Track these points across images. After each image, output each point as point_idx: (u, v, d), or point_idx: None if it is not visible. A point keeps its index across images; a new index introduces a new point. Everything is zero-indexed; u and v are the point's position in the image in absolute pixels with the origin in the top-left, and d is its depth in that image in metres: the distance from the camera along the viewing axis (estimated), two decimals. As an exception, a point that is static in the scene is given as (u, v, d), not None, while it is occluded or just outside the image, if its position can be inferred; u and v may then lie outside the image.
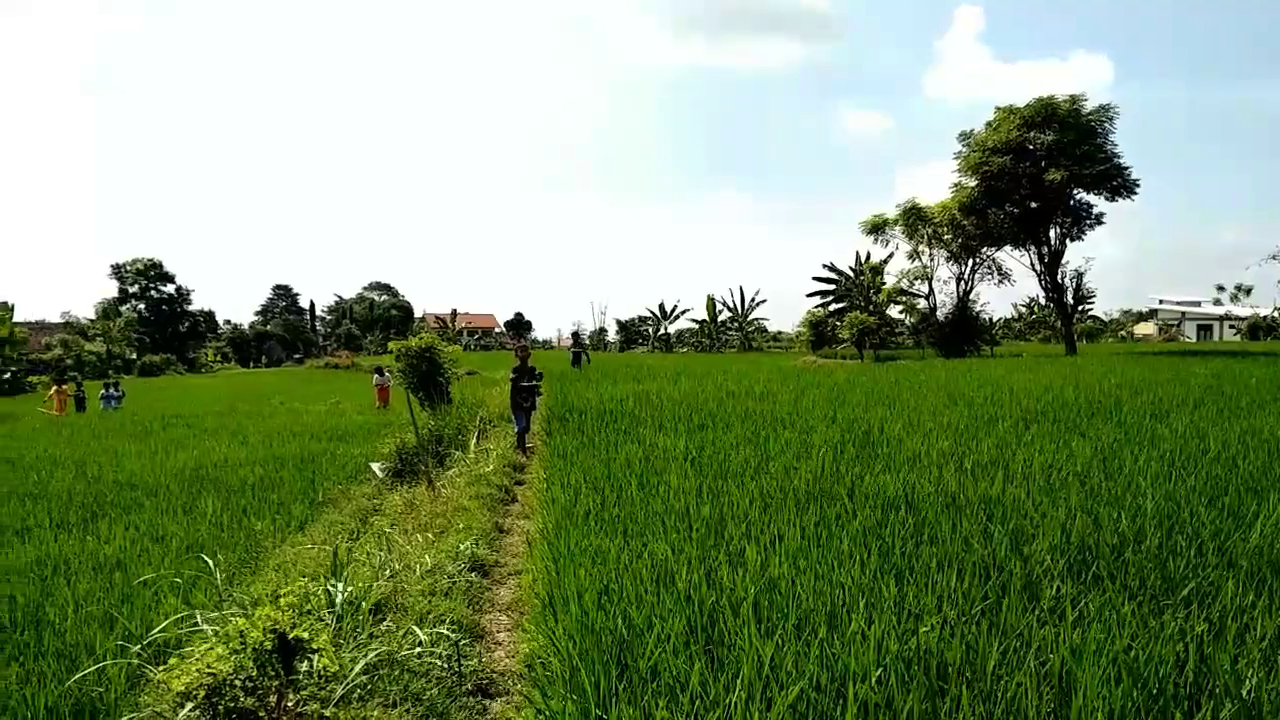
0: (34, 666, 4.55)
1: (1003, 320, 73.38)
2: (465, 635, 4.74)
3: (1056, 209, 36.05)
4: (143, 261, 75.43)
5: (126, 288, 74.64)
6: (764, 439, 9.31)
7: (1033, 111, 35.05)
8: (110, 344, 61.25)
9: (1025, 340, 69.20)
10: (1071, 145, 34.11)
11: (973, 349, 39.65)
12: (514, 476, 10.28)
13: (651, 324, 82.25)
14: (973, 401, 12.52)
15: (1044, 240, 37.32)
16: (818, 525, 5.58)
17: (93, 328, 65.14)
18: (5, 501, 9.26)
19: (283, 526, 7.91)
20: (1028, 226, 36.91)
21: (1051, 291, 38.44)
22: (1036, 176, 34.75)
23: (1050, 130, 34.76)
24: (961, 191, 37.86)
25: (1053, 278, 37.76)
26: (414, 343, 15.61)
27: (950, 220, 38.46)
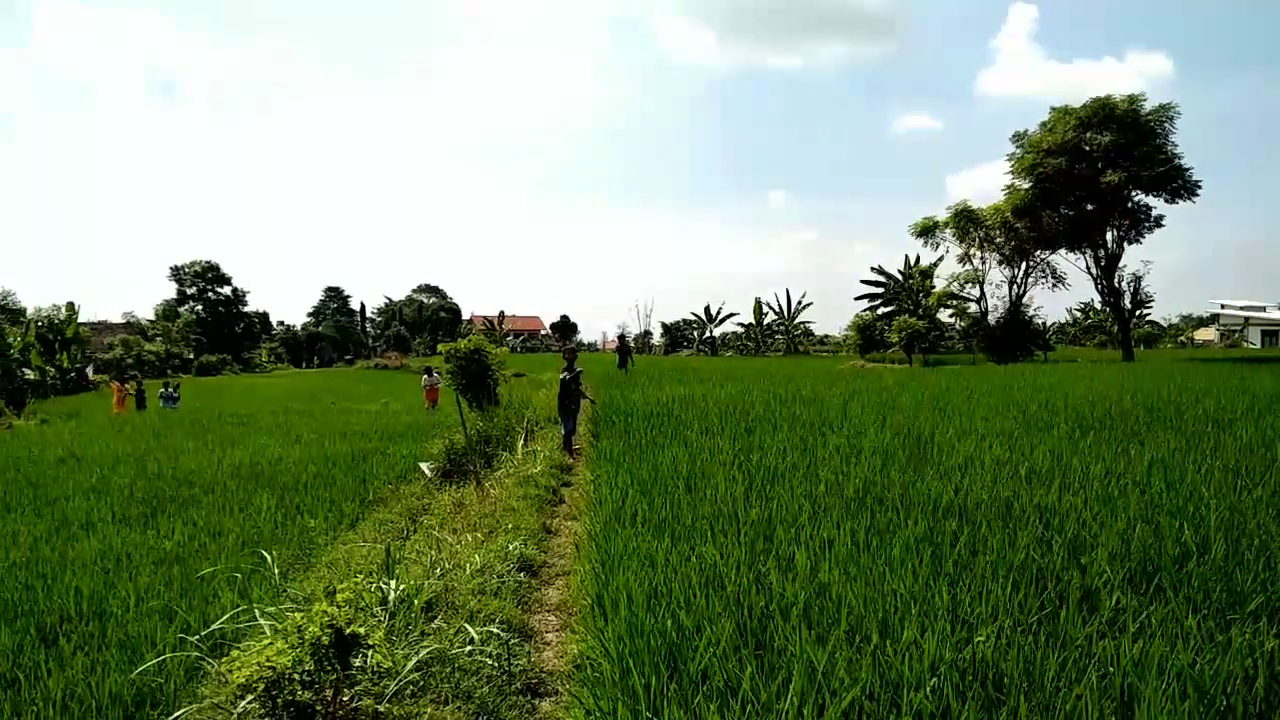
0: (98, 656, 4.68)
1: (1056, 325, 71.92)
2: (514, 635, 4.78)
3: (1113, 211, 35.24)
4: (201, 264, 77.37)
5: (185, 289, 76.63)
6: (812, 443, 9.24)
7: (1089, 112, 34.32)
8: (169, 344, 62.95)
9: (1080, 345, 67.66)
10: (1130, 146, 33.34)
11: (1025, 354, 38.91)
12: (561, 478, 10.33)
13: (697, 327, 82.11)
14: (1026, 408, 12.27)
15: (1100, 243, 36.51)
16: (868, 531, 5.52)
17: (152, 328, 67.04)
18: (70, 497, 9.55)
19: (334, 524, 8.03)
20: (1083, 229, 36.12)
21: (1108, 296, 37.58)
22: (1093, 178, 34.00)
23: (1107, 131, 33.98)
24: (1015, 194, 37.20)
25: (1109, 282, 36.91)
26: (463, 344, 15.76)
27: (1003, 223, 37.82)
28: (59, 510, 8.77)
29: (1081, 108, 34.70)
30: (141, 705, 4.19)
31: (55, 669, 4.52)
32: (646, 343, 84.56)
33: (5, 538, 7.59)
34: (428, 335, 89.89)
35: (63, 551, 7.04)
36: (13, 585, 6.03)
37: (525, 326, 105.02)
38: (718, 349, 77.99)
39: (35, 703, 4.13)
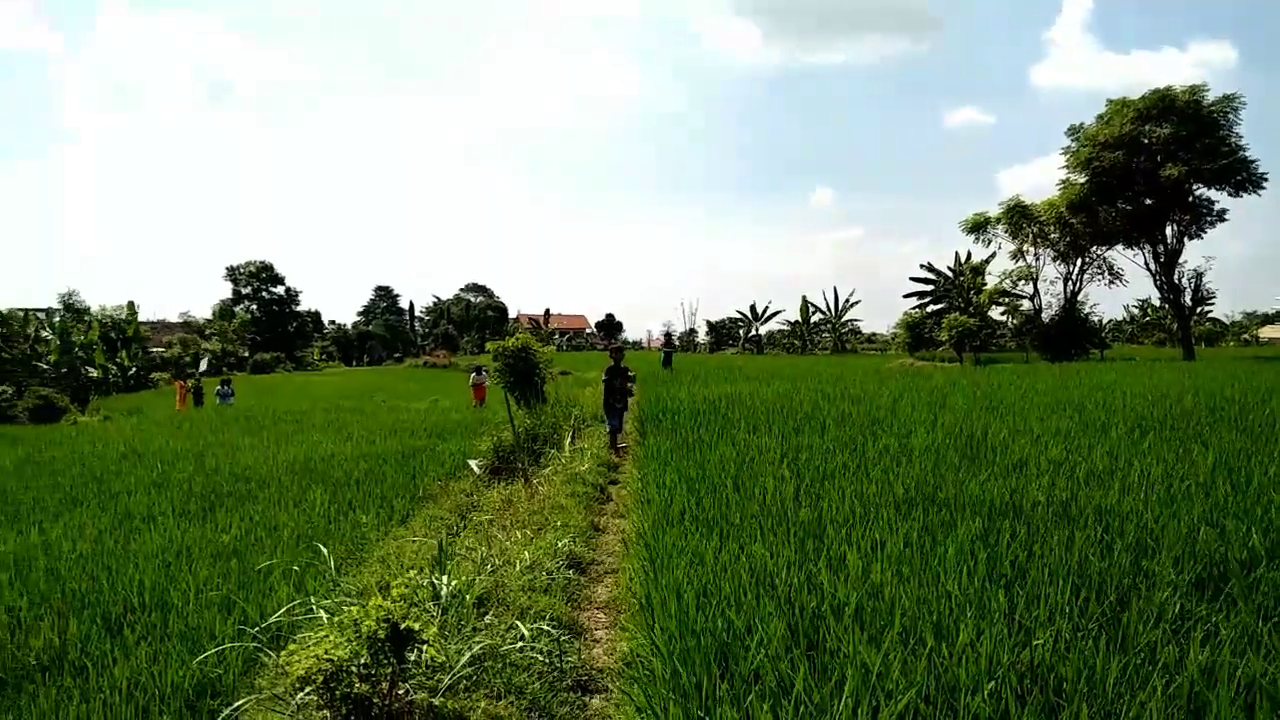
0: (160, 647, 4.81)
1: (1113, 323, 70.23)
2: (564, 631, 4.80)
3: (1173, 206, 34.29)
4: (255, 264, 79.05)
5: (240, 289, 78.33)
6: (861, 443, 9.14)
7: (1148, 104, 33.42)
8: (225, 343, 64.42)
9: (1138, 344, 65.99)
10: (1191, 138, 32.41)
11: (1080, 352, 38.05)
12: (608, 475, 10.35)
13: (743, 325, 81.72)
14: (1083, 407, 11.99)
15: (1159, 238, 35.55)
16: (921, 532, 5.43)
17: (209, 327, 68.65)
18: (133, 491, 9.83)
19: (385, 520, 8.14)
20: (1142, 224, 35.21)
21: (1167, 292, 36.57)
22: (1152, 172, 33.13)
23: (1167, 123, 33.07)
24: (1070, 189, 36.37)
25: (1169, 278, 35.92)
26: (510, 343, 15.88)
27: (1057, 218, 37.03)
28: (122, 504, 9.03)
29: (1140, 100, 33.80)
30: (202, 695, 4.29)
31: (120, 658, 4.66)
32: (692, 341, 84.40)
33: (72, 530, 7.85)
34: (475, 334, 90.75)
35: (126, 544, 7.24)
36: (80, 576, 6.23)
37: (571, 325, 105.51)
38: (763, 347, 77.53)
39: (103, 690, 4.26)
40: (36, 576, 6.27)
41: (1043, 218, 38.03)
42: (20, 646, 4.89)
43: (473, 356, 60.56)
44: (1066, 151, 36.58)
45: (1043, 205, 38.12)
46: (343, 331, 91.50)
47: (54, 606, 5.57)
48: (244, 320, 72.65)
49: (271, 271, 79.48)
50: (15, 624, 5.28)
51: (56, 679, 4.49)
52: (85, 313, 49.68)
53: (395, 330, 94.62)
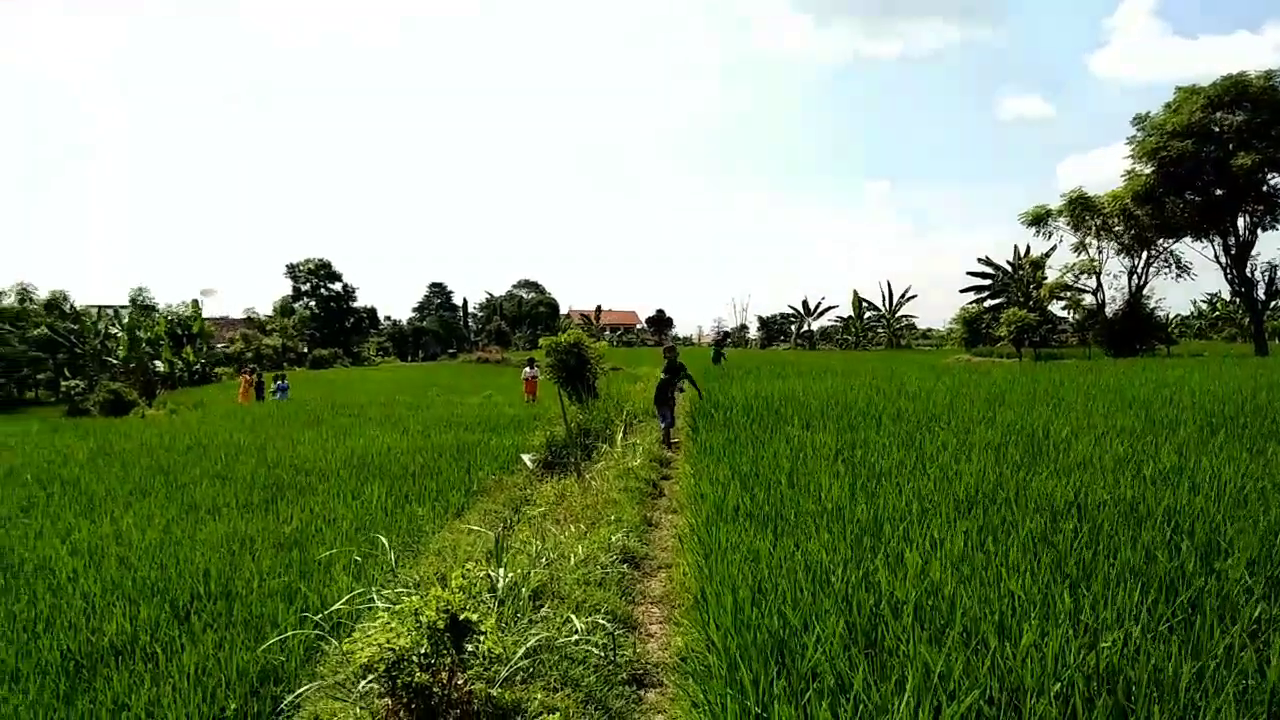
0: (226, 634, 4.94)
1: (1179, 317, 68.01)
2: (619, 625, 4.81)
3: (1246, 196, 33.05)
4: (314, 261, 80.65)
5: (299, 286, 80.00)
6: (918, 439, 8.99)
7: (1219, 91, 32.23)
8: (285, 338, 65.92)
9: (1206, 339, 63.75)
10: (1266, 125, 31.22)
11: (1146, 348, 36.95)
12: (660, 471, 10.34)
13: (794, 321, 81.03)
14: (1149, 404, 11.63)
15: (1230, 230, 34.32)
16: (981, 530, 5.33)
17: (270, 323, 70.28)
18: (198, 482, 10.10)
19: (441, 512, 8.25)
20: (1211, 216, 34.01)
21: (1239, 286, 35.30)
22: (1223, 161, 31.97)
23: (1240, 110, 31.90)
24: (1135, 179, 35.27)
25: (1240, 271, 34.67)
26: (563, 339, 15.96)
27: (1122, 210, 35.93)
28: (188, 495, 9.29)
29: (1211, 86, 32.61)
30: (265, 681, 4.39)
31: (188, 644, 4.80)
32: (743, 337, 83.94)
33: (142, 520, 8.09)
34: (527, 329, 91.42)
35: (192, 534, 7.45)
36: (149, 564, 6.43)
37: (621, 321, 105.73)
38: (816, 343, 76.78)
39: (172, 675, 4.38)
40: (109, 564, 6.49)
41: (1106, 210, 36.93)
42: (95, 631, 5.07)
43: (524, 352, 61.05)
44: (1132, 141, 35.45)
45: (1106, 197, 37.02)
46: (398, 327, 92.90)
47: (125, 593, 5.77)
48: (303, 317, 74.22)
49: (329, 269, 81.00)
50: (90, 609, 5.47)
51: (129, 663, 4.64)
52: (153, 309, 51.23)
53: (449, 326, 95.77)
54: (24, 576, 6.29)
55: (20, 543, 7.33)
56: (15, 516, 8.55)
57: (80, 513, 8.63)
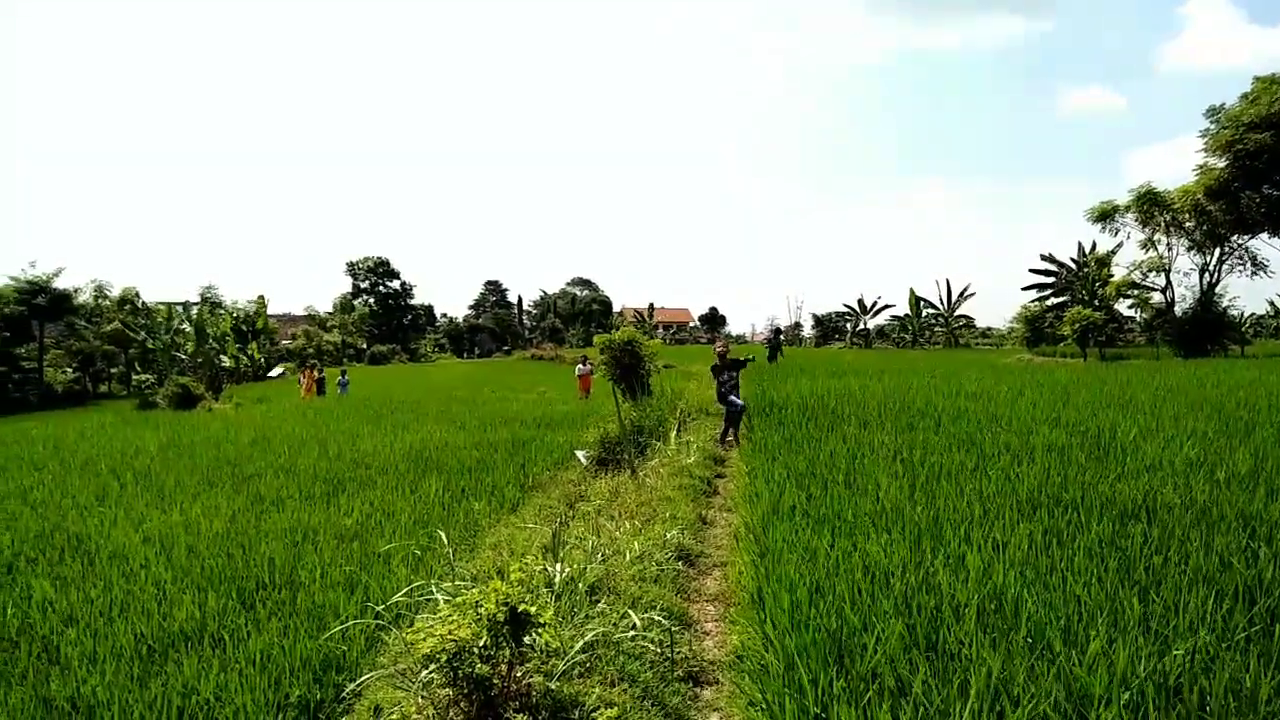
0: (290, 622, 5.06)
1: (1254, 317, 65.53)
2: (675, 622, 4.80)
3: (1328, 190, 31.67)
4: (372, 259, 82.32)
5: (359, 283, 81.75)
6: (980, 440, 8.82)
7: (1301, 81, 30.96)
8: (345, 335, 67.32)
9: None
10: (1349, 117, 29.86)
11: (1218, 348, 35.67)
12: (714, 469, 10.30)
13: (850, 319, 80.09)
14: (1222, 406, 11.23)
15: (1310, 226, 32.92)
16: (1045, 534, 5.20)
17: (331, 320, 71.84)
18: (263, 474, 10.37)
19: (497, 507, 8.34)
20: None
21: (1318, 284, 33.87)
22: (1303, 154, 30.67)
23: (1323, 101, 30.57)
24: (1208, 173, 34.03)
25: (1321, 268, 33.23)
26: (617, 336, 15.99)
27: (1193, 205, 34.67)
28: (254, 487, 9.54)
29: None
30: (328, 669, 4.49)
31: (254, 631, 4.93)
32: (797, 335, 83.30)
33: (210, 510, 8.34)
34: (580, 327, 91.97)
35: (257, 524, 7.65)
36: (217, 553, 6.62)
37: (674, 318, 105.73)
38: (872, 341, 75.78)
39: (239, 661, 4.51)
40: (179, 553, 6.70)
41: (1176, 205, 35.69)
42: (166, 617, 5.23)
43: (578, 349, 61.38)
44: (1205, 134, 34.19)
45: (1177, 192, 35.78)
46: (454, 324, 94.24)
47: (194, 581, 5.95)
48: (362, 314, 75.71)
49: (388, 266, 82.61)
50: (161, 596, 5.66)
51: (197, 648, 4.78)
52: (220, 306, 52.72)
53: (504, 323, 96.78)
54: (100, 563, 6.53)
55: (96, 531, 7.61)
56: (91, 505, 8.87)
57: (152, 502, 8.92)
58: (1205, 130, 34.28)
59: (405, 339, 79.50)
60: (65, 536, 7.45)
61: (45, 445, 14.73)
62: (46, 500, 9.27)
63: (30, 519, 8.27)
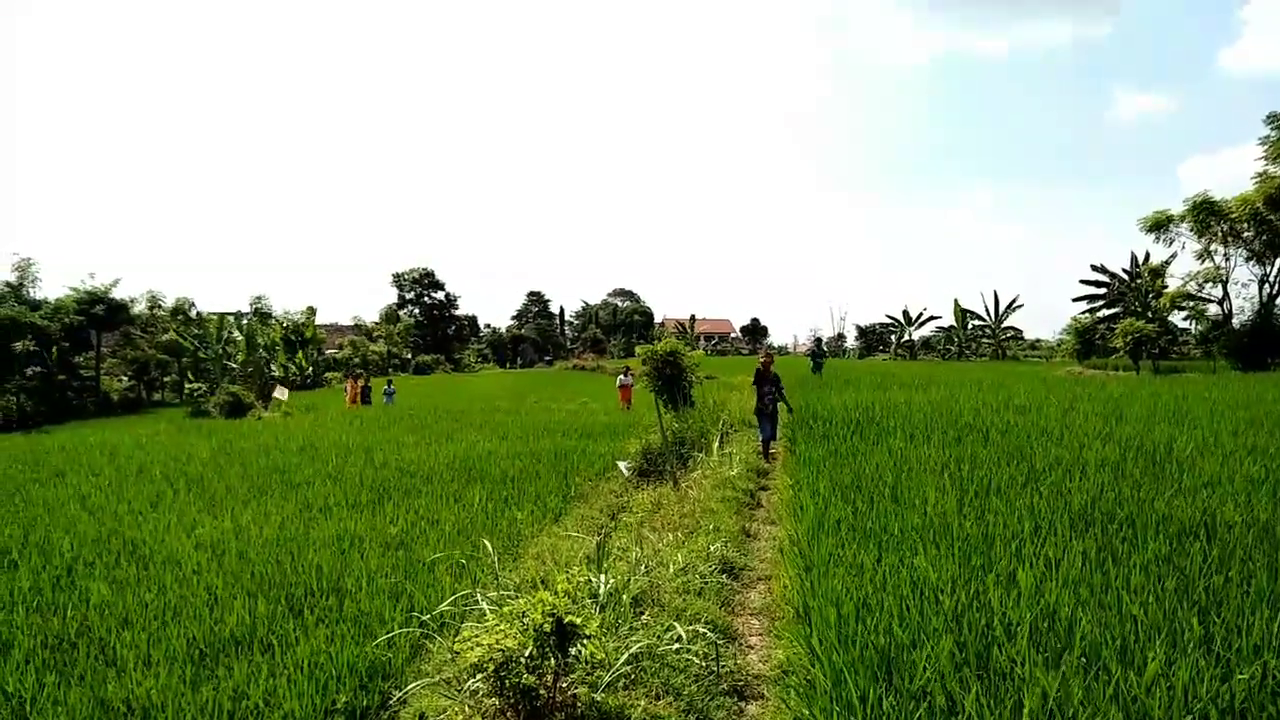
0: (336, 629, 5.12)
1: (1317, 329, 63.36)
2: (719, 635, 4.76)
3: (1394, 199, 30.59)
4: (418, 270, 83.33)
5: (404, 294, 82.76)
6: (1029, 454, 8.64)
7: (1364, 86, 30.01)
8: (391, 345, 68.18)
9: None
10: None
11: (1278, 362, 34.57)
12: (757, 481, 10.23)
13: (894, 330, 79.22)
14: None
15: (1376, 236, 31.83)
16: (1099, 551, 5.08)
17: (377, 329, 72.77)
18: (311, 482, 10.54)
19: (539, 517, 8.37)
20: (1355, 221, 31.61)
21: (1384, 296, 32.68)
22: (1370, 161, 29.69)
23: (1389, 105, 29.58)
24: (1268, 181, 33.06)
25: (1387, 280, 32.10)
26: (659, 347, 15.98)
27: (1252, 215, 33.69)
28: (302, 494, 9.69)
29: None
30: (374, 676, 4.54)
31: (301, 638, 5.00)
32: (840, 346, 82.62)
33: (259, 517, 8.49)
34: (621, 337, 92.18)
35: (305, 532, 7.77)
36: (266, 559, 6.73)
37: (715, 329, 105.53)
38: (916, 353, 74.84)
39: (287, 666, 4.57)
40: (230, 559, 6.83)
41: (1234, 214, 34.70)
42: (217, 622, 5.33)
43: (619, 360, 61.50)
44: (1265, 141, 33.26)
45: (1235, 201, 34.80)
46: (497, 335, 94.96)
47: (244, 586, 6.06)
48: (408, 324, 76.64)
49: (433, 277, 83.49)
50: (213, 601, 5.77)
51: (247, 653, 4.87)
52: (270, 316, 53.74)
53: (546, 334, 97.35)
54: (154, 568, 6.68)
55: (151, 536, 7.78)
56: (146, 511, 9.09)
57: (203, 509, 9.11)
58: (1265, 138, 33.36)
59: (449, 349, 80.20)
60: (121, 541, 7.63)
61: (102, 452, 15.13)
62: (103, 505, 9.51)
63: (88, 524, 8.49)
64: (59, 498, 10.22)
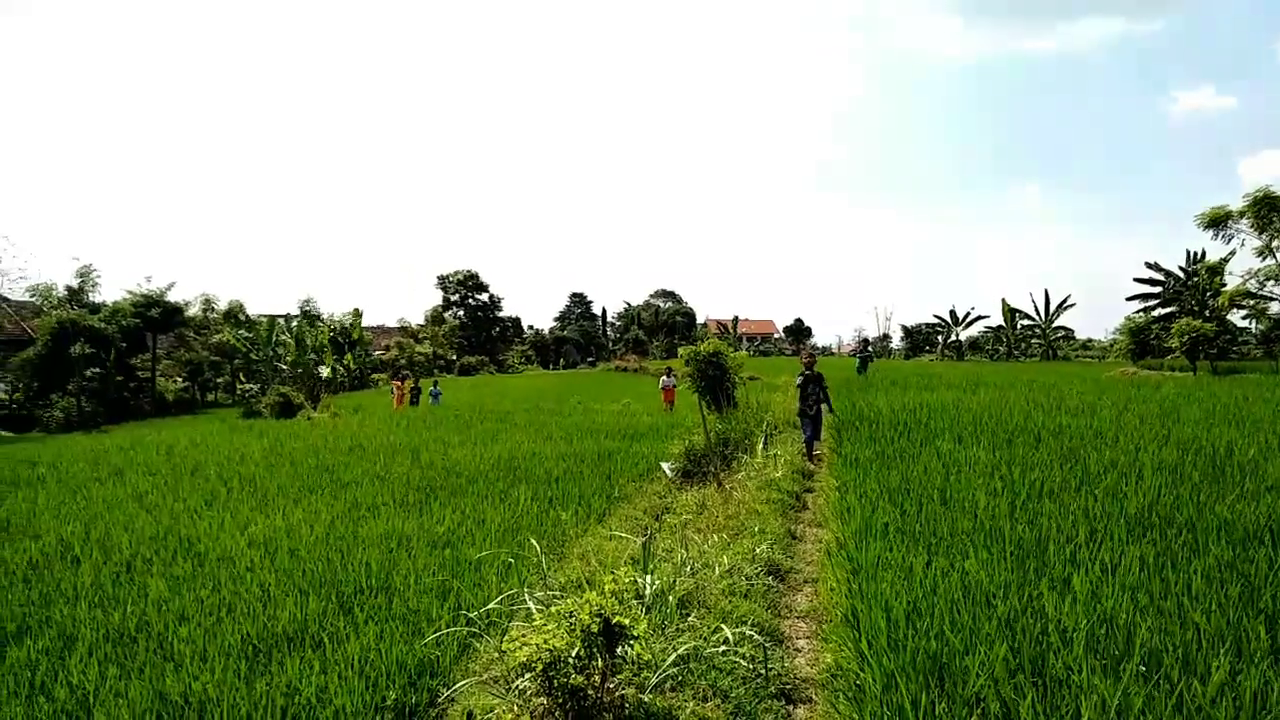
0: (385, 627, 5.18)
1: (1384, 328, 61.11)
2: (766, 638, 4.72)
3: None
4: (462, 273, 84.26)
5: (449, 296, 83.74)
6: (1082, 457, 8.45)
7: None
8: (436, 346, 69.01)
9: None
10: None
11: (1343, 361, 33.40)
12: (803, 483, 10.14)
13: (941, 330, 78.08)
14: (1352, 423, 10.50)
15: None
16: (1158, 556, 4.94)
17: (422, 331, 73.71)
18: (359, 482, 10.69)
19: (583, 518, 8.39)
20: None
21: None
22: None
23: None
24: (1332, 176, 31.97)
25: None
26: (703, 348, 15.93)
27: (1317, 209, 32.58)
28: (351, 493, 9.83)
29: None
30: (422, 674, 4.58)
31: (352, 634, 5.07)
32: (886, 347, 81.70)
33: (310, 515, 8.63)
34: (664, 338, 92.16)
35: (354, 530, 7.88)
36: (317, 557, 6.84)
37: (758, 330, 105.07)
38: (964, 354, 73.66)
39: (338, 663, 4.64)
40: (281, 556, 6.95)
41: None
42: (270, 618, 5.43)
43: (662, 361, 61.46)
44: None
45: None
46: (540, 336, 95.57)
47: (296, 584, 6.16)
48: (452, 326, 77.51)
49: (477, 280, 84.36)
50: (266, 597, 5.87)
51: (299, 649, 4.94)
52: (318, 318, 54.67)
53: (588, 335, 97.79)
54: (209, 565, 6.82)
55: (206, 534, 7.96)
56: (201, 509, 9.29)
57: (256, 507, 9.29)
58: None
59: (493, 350, 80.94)
60: (177, 538, 7.81)
61: (158, 451, 15.52)
62: (160, 504, 9.75)
63: (146, 521, 8.71)
64: (118, 496, 10.50)
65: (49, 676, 4.75)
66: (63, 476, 12.67)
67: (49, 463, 14.61)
